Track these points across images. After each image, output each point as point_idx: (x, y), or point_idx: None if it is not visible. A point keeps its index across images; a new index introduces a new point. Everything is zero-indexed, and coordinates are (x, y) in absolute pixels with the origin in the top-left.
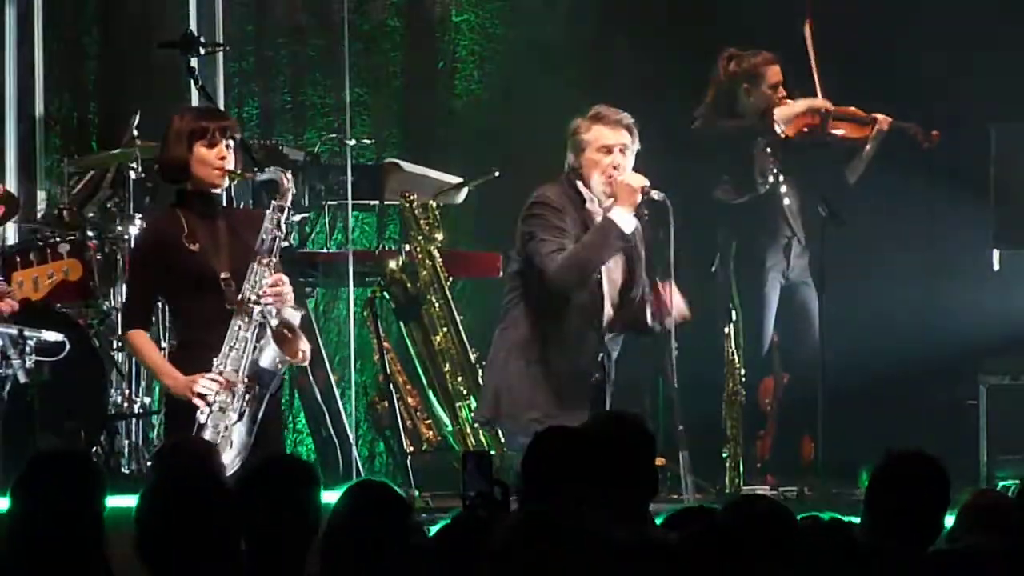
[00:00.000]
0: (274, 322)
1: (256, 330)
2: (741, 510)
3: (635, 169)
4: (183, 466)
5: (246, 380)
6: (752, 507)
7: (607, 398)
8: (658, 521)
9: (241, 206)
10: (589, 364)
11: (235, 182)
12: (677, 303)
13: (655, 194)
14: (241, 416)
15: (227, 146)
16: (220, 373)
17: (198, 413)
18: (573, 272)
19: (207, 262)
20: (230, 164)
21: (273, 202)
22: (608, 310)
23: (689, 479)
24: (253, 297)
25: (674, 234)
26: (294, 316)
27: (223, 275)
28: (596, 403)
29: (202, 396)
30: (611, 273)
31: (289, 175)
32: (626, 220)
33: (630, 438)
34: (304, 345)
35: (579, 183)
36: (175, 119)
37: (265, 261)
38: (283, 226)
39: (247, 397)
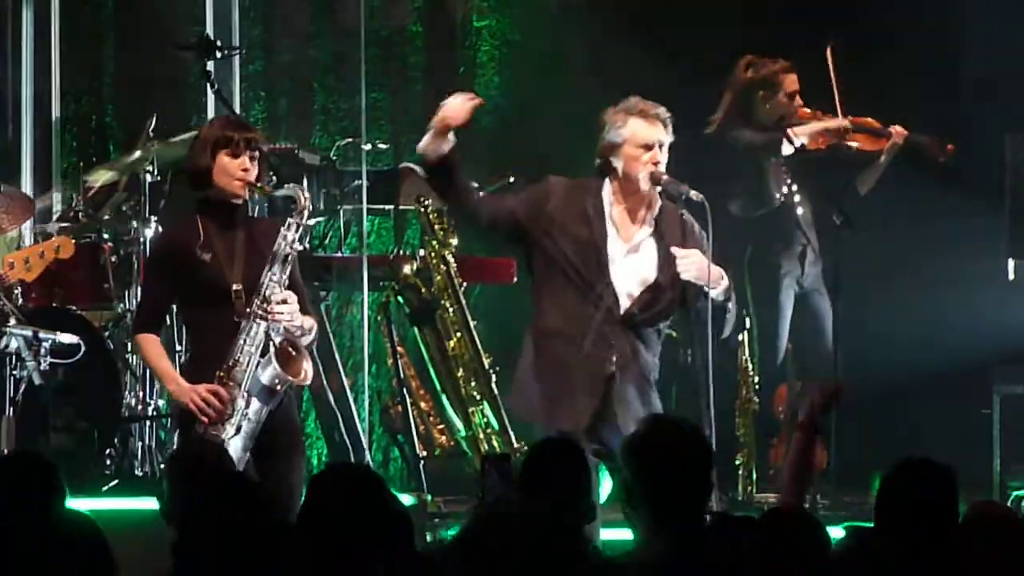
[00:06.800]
0: (278, 339)
1: (260, 345)
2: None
3: (668, 167)
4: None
5: (246, 395)
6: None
7: (617, 391)
8: None
9: (263, 215)
10: (598, 355)
11: (256, 195)
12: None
13: (693, 194)
14: (238, 430)
15: (251, 158)
16: (224, 385)
17: (196, 424)
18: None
19: (219, 273)
20: (252, 176)
21: (289, 218)
22: (624, 302)
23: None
24: (260, 312)
25: (712, 235)
26: (306, 337)
27: (235, 287)
28: (606, 396)
29: (201, 406)
30: (634, 266)
31: (306, 192)
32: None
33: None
34: (307, 365)
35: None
36: (203, 128)
37: (276, 277)
38: (296, 244)
39: (246, 412)
